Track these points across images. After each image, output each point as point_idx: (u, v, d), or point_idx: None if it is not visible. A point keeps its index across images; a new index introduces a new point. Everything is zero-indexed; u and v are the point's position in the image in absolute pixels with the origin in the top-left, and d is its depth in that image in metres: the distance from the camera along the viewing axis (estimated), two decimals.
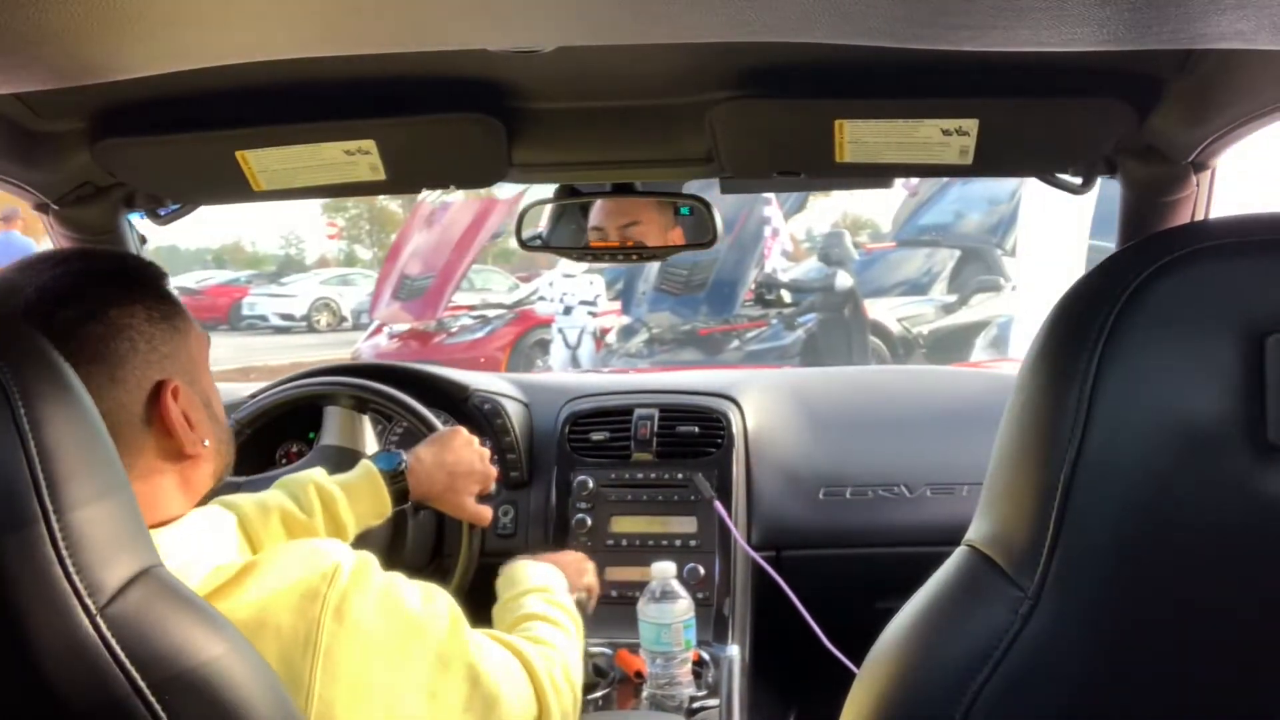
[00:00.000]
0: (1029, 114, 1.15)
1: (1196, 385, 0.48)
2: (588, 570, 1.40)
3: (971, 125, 1.15)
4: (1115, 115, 1.13)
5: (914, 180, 7.48)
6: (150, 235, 1.63)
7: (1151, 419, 0.48)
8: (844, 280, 7.65)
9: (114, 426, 0.69)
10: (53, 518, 0.56)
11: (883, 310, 8.29)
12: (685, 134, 1.29)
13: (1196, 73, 1.09)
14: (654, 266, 8.07)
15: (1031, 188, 7.28)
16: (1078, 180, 1.34)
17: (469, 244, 8.79)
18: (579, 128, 1.32)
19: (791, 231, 9.86)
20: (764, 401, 1.82)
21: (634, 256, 1.50)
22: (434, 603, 0.91)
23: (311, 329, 14.56)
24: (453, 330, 9.31)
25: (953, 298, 8.60)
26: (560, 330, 8.13)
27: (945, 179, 8.11)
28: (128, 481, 0.63)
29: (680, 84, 1.20)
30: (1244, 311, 0.47)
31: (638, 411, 1.76)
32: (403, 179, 1.33)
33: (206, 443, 0.90)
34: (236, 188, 1.31)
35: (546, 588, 1.18)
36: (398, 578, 0.90)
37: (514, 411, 1.79)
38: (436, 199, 8.68)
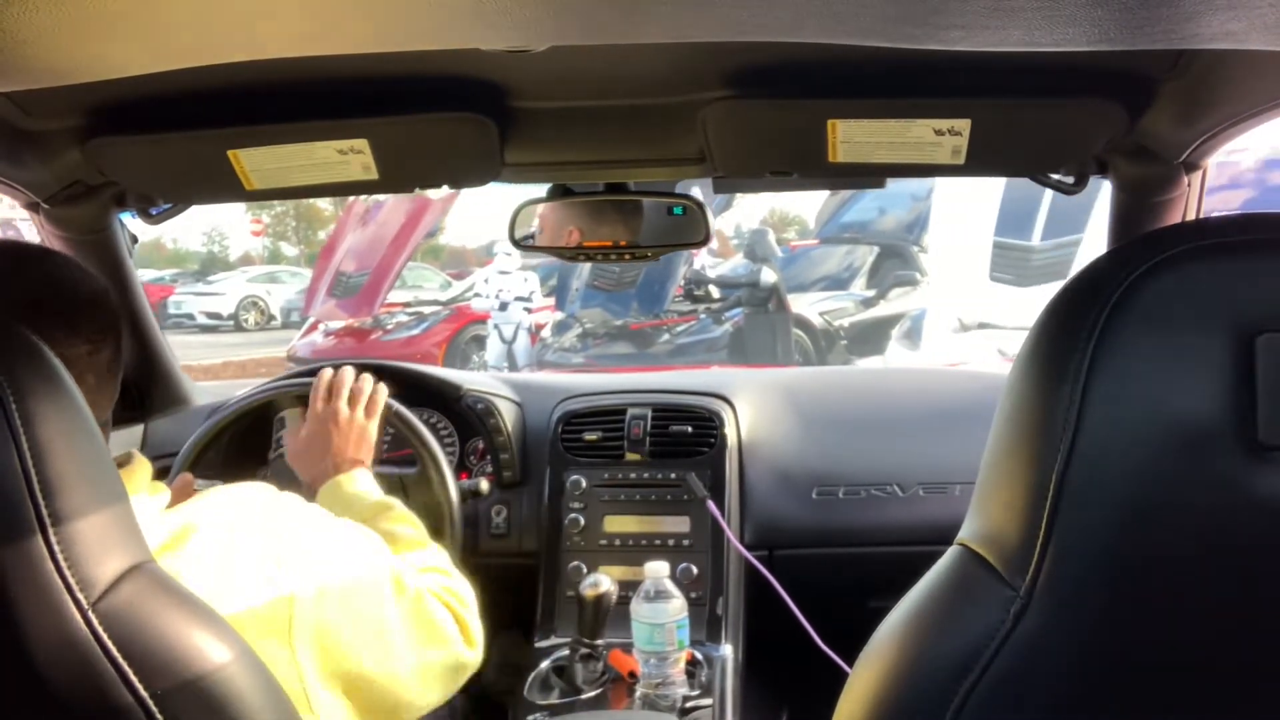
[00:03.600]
0: (1021, 114, 1.16)
1: (1187, 385, 0.48)
2: (366, 438, 1.31)
3: (964, 125, 1.15)
4: (1107, 115, 1.13)
5: None
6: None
7: (1143, 418, 0.48)
8: (769, 276, 7.93)
9: None
10: (45, 514, 0.55)
11: (806, 305, 8.57)
12: (678, 134, 1.29)
13: (1188, 73, 1.09)
14: (587, 265, 8.19)
15: (942, 187, 7.41)
16: (1070, 180, 1.35)
17: (404, 241, 8.92)
18: (571, 127, 1.32)
19: (720, 228, 10.02)
20: (757, 401, 1.82)
21: (626, 256, 1.49)
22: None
23: (239, 328, 14.22)
24: (389, 327, 9.42)
25: (871, 292, 8.90)
26: (496, 326, 8.27)
27: None
28: (119, 478, 0.63)
29: (673, 84, 1.20)
30: (1235, 311, 0.48)
31: (631, 411, 1.75)
32: (395, 178, 1.33)
33: None
34: (228, 187, 1.31)
35: (385, 505, 1.17)
36: None
37: (507, 411, 1.78)
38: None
